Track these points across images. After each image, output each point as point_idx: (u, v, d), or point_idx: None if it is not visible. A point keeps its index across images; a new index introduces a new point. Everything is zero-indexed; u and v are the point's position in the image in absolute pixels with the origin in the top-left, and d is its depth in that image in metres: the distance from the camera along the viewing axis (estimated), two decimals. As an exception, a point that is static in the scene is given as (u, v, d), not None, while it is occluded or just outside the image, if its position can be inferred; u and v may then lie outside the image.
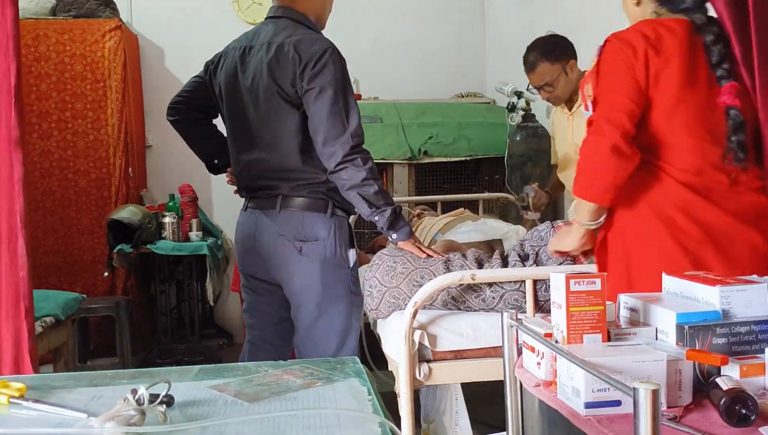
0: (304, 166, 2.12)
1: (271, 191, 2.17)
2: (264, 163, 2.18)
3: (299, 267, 2.14)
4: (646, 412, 0.83)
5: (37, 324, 2.57)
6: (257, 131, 2.19)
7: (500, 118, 3.94)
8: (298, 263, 2.13)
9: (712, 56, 1.55)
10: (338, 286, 2.16)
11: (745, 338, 1.16)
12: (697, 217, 1.58)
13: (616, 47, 1.60)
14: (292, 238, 2.12)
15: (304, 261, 2.13)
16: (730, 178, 1.58)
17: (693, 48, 1.58)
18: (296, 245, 2.12)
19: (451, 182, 4.07)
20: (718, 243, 1.57)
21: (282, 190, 2.15)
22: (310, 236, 2.12)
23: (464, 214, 3.18)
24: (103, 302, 3.87)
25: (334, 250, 2.13)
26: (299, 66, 2.08)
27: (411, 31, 4.94)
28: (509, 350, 1.35)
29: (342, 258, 2.15)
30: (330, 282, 2.14)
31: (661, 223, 1.60)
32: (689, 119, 1.59)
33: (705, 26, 1.57)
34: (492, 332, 2.00)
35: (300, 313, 2.19)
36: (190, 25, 4.76)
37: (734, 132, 1.54)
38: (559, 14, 3.74)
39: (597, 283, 1.17)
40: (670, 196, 1.60)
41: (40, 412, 0.99)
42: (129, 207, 3.91)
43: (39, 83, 4.15)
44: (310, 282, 2.14)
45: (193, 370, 1.24)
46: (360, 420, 0.94)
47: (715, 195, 1.58)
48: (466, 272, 1.96)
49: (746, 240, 1.57)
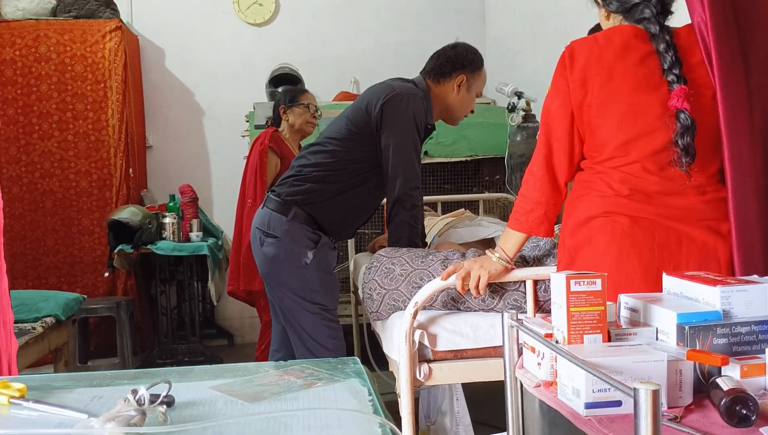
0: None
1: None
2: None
3: (258, 255, 2.39)
4: (646, 412, 0.83)
5: (38, 324, 2.58)
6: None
7: (500, 118, 3.94)
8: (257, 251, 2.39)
9: (664, 62, 1.57)
10: (292, 280, 2.32)
11: (745, 338, 1.16)
12: (641, 220, 1.58)
13: (562, 60, 1.66)
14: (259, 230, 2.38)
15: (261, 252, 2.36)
16: (675, 181, 1.58)
17: (650, 54, 1.60)
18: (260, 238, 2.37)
19: (452, 182, 4.07)
20: (666, 247, 1.57)
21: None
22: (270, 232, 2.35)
23: (465, 215, 3.18)
24: (103, 303, 3.87)
25: (290, 250, 2.30)
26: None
27: (411, 31, 4.95)
28: (510, 350, 1.35)
29: (297, 257, 2.30)
30: (284, 278, 2.32)
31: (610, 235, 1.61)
32: (637, 122, 1.59)
33: (658, 35, 1.60)
34: (492, 332, 2.00)
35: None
36: (190, 25, 4.76)
37: (681, 135, 1.54)
38: (559, 14, 3.73)
39: (597, 284, 1.17)
40: (612, 205, 1.61)
41: (40, 413, 0.99)
42: (129, 207, 3.91)
43: (39, 84, 4.15)
44: (264, 271, 2.37)
45: (193, 370, 1.24)
46: (360, 420, 0.94)
47: (662, 198, 1.59)
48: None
49: (695, 239, 1.57)
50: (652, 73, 1.59)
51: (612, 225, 1.59)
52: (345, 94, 4.62)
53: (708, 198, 1.59)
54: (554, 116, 1.66)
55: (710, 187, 1.60)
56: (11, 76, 4.13)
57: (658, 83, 1.58)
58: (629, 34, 1.62)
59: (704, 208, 1.58)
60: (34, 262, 4.20)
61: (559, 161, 1.67)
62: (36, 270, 4.21)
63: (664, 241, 1.57)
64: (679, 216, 1.58)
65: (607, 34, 1.65)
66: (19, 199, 4.17)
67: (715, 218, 1.58)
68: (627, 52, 1.60)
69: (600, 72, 1.60)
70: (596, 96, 1.60)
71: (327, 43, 4.89)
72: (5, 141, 4.15)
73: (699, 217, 1.58)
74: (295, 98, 3.18)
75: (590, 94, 1.61)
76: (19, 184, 4.17)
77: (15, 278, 4.15)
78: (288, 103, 3.17)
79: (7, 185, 4.15)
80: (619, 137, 1.60)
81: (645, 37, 1.62)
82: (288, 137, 3.21)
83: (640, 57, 1.60)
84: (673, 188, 1.58)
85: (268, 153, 3.09)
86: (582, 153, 1.67)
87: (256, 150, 3.11)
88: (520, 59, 4.40)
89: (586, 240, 1.64)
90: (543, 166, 1.68)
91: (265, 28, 4.75)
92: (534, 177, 1.70)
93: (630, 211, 1.58)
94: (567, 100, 1.63)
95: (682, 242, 1.57)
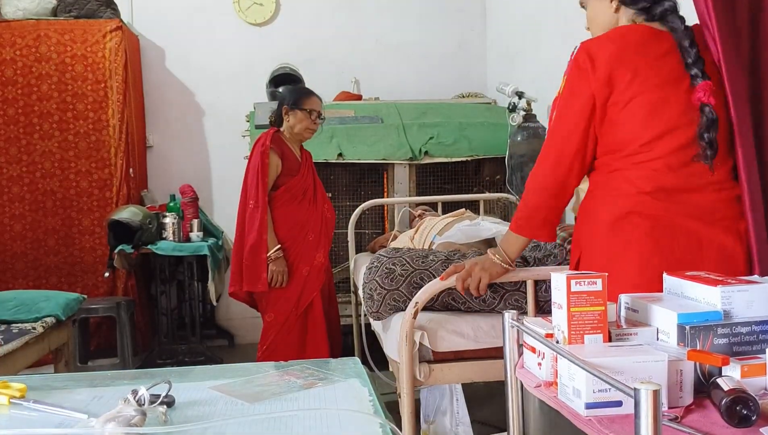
0: None
1: None
2: None
3: None
4: (647, 412, 0.83)
5: (38, 324, 2.58)
6: None
7: (501, 118, 3.94)
8: None
9: (688, 57, 1.57)
10: None
11: (746, 338, 1.16)
12: (663, 220, 1.57)
13: (578, 62, 1.62)
14: None
15: None
16: (695, 178, 1.58)
17: (668, 52, 1.60)
18: None
19: (452, 182, 4.07)
20: (688, 246, 1.56)
21: None
22: None
23: (465, 215, 3.18)
24: (103, 303, 3.87)
25: None
26: None
27: (412, 31, 4.95)
28: (510, 351, 1.35)
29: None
30: None
31: (633, 233, 1.59)
32: (662, 118, 1.58)
33: (682, 30, 1.60)
34: (492, 333, 2.00)
35: None
36: (190, 25, 4.76)
37: (707, 129, 1.55)
38: (560, 15, 3.73)
39: (598, 284, 1.17)
40: (635, 204, 1.59)
41: (40, 413, 0.99)
42: (130, 207, 3.91)
43: (40, 84, 4.15)
44: None
45: (193, 370, 1.24)
46: (361, 420, 0.94)
47: (683, 195, 1.58)
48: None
49: (713, 240, 1.57)
50: (673, 69, 1.58)
51: (632, 228, 1.58)
52: (345, 94, 4.61)
53: (724, 196, 1.59)
54: (570, 119, 1.64)
55: (726, 184, 1.60)
56: (11, 76, 4.13)
57: (681, 78, 1.57)
58: (645, 32, 1.62)
59: (721, 206, 1.58)
60: (34, 262, 4.20)
61: (570, 165, 1.65)
62: (36, 270, 4.21)
63: (686, 245, 1.56)
64: (699, 214, 1.57)
65: (620, 32, 1.63)
66: (19, 199, 4.17)
67: (732, 217, 1.59)
68: (647, 50, 1.59)
69: (625, 69, 1.58)
70: (622, 93, 1.58)
71: (327, 43, 4.89)
72: (5, 141, 4.15)
73: (718, 216, 1.58)
74: (298, 102, 3.15)
75: (616, 92, 1.59)
76: (20, 184, 4.17)
77: (15, 278, 4.15)
78: (291, 105, 3.16)
79: (7, 185, 4.15)
80: (644, 133, 1.58)
81: (659, 35, 1.62)
82: (289, 137, 3.21)
83: (661, 53, 1.59)
84: (693, 185, 1.58)
85: (270, 154, 3.09)
86: (594, 154, 1.66)
87: (257, 151, 3.10)
88: (521, 59, 4.40)
89: (606, 244, 1.62)
90: (550, 171, 1.66)
91: (266, 28, 4.75)
92: (539, 181, 1.68)
93: (652, 210, 1.57)
94: (589, 101, 1.61)
95: (702, 245, 1.57)
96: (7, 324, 2.53)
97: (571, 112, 1.64)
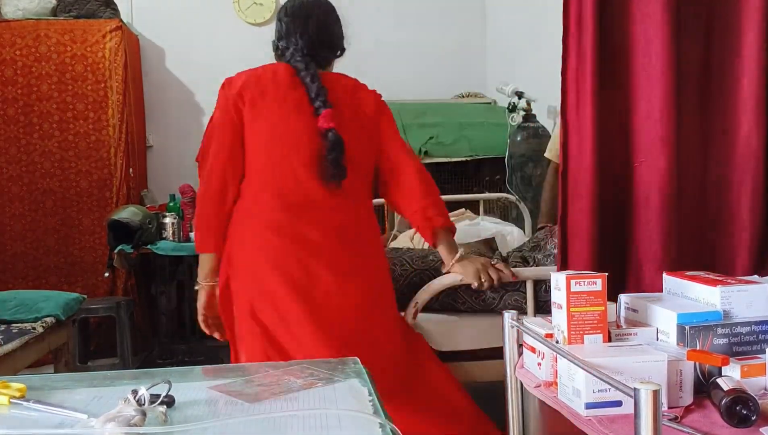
0: None
1: None
2: None
3: None
4: (646, 412, 0.83)
5: (38, 324, 2.58)
6: None
7: (501, 118, 3.94)
8: None
9: (311, 92, 1.82)
10: None
11: (746, 338, 1.16)
12: (292, 235, 1.77)
13: (222, 94, 1.87)
14: None
15: None
16: (326, 195, 1.79)
17: (293, 86, 1.84)
18: None
19: (452, 182, 4.07)
20: (321, 256, 1.77)
21: None
22: None
23: (465, 215, 3.18)
24: (103, 303, 3.87)
25: None
26: None
27: (412, 31, 4.95)
28: (510, 351, 1.35)
29: None
30: None
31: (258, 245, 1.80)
32: (285, 146, 1.81)
33: (304, 70, 1.87)
34: (492, 333, 2.00)
35: None
36: (190, 25, 4.76)
37: (330, 151, 1.77)
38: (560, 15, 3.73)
39: (598, 284, 1.17)
40: (265, 220, 1.79)
41: (40, 413, 0.99)
42: (129, 207, 3.90)
43: (40, 84, 4.15)
44: None
45: (193, 370, 1.24)
46: (361, 421, 0.93)
47: (311, 213, 1.79)
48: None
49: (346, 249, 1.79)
50: (300, 100, 1.83)
51: (262, 241, 1.79)
52: (345, 94, 4.61)
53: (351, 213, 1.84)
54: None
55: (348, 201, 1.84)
56: (11, 76, 4.12)
57: (306, 109, 1.81)
58: (281, 68, 1.91)
59: (342, 218, 1.82)
60: (34, 262, 4.19)
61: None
62: (36, 270, 4.20)
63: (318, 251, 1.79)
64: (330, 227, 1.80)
65: (263, 67, 1.93)
66: (19, 199, 4.17)
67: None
68: (278, 79, 1.86)
69: (254, 90, 1.82)
70: (249, 111, 1.81)
71: (327, 43, 4.88)
72: (5, 141, 4.14)
73: (332, 225, 1.80)
74: None
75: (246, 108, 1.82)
76: (20, 184, 4.17)
77: (15, 278, 4.15)
78: None
79: (7, 185, 4.15)
80: (269, 151, 1.81)
81: (293, 72, 1.88)
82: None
83: (291, 85, 1.84)
84: (321, 202, 1.79)
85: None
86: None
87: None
88: (520, 59, 4.40)
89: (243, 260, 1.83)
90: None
91: (265, 28, 4.74)
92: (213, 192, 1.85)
93: (279, 226, 1.77)
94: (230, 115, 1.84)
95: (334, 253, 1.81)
96: (6, 324, 2.53)
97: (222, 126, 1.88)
